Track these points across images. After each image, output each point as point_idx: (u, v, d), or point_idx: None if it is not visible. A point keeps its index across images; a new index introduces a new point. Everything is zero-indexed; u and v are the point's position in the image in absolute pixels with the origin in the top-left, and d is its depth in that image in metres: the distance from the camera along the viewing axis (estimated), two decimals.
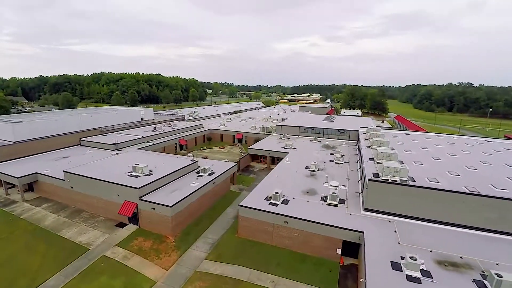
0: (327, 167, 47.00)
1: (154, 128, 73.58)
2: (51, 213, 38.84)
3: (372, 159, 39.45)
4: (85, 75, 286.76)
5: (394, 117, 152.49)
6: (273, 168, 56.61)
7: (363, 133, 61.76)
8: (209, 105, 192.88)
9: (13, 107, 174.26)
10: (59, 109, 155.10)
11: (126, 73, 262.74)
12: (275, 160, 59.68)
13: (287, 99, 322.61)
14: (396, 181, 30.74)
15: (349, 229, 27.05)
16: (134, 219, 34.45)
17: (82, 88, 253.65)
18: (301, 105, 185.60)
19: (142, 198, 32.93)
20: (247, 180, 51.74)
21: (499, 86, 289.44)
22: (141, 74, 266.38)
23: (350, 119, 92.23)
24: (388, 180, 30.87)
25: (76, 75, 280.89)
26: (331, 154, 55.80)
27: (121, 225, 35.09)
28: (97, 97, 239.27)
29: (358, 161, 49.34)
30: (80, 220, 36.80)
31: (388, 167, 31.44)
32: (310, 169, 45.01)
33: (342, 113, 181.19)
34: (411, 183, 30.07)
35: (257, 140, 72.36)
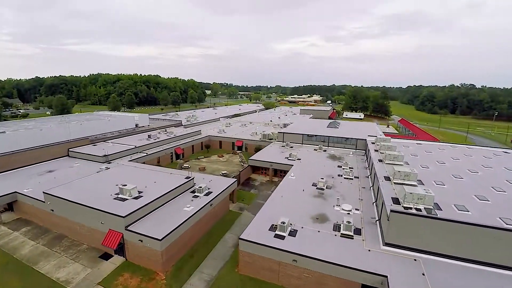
0: (336, 183, 42.94)
1: (149, 136, 69.30)
2: (30, 239, 34.65)
3: (387, 178, 35.43)
4: (82, 76, 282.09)
5: (399, 121, 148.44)
6: (275, 181, 52.83)
7: (372, 143, 57.81)
8: (208, 107, 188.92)
9: (7, 110, 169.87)
10: (53, 112, 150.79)
11: (123, 74, 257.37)
12: (278, 172, 55.69)
13: (288, 101, 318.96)
14: (420, 210, 26.85)
15: (370, 272, 22.95)
16: (120, 250, 30.30)
17: (78, 89, 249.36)
18: (302, 107, 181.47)
19: (128, 228, 28.74)
20: (248, 196, 47.56)
21: (502, 88, 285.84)
22: (138, 75, 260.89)
23: (356, 125, 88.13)
24: (411, 209, 26.95)
25: (72, 76, 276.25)
26: (338, 166, 51.75)
27: (106, 256, 30.92)
28: (94, 99, 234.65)
29: (370, 177, 45.33)
30: (61, 249, 32.61)
31: (411, 193, 27.50)
32: (318, 186, 40.95)
33: (344, 116, 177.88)
34: (439, 214, 26.07)
35: (258, 148, 68.26)
